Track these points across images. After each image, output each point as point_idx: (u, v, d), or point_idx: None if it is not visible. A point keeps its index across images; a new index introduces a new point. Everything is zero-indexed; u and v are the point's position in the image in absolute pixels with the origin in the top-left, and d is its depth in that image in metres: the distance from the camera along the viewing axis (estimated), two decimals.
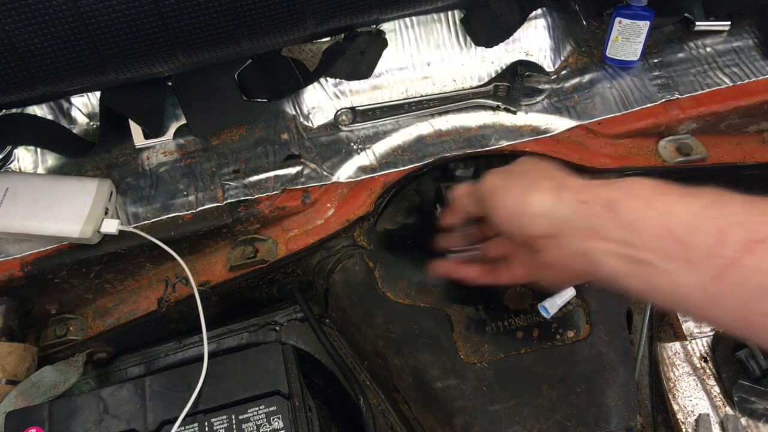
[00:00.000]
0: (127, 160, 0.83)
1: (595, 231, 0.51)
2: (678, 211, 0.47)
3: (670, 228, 0.47)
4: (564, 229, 0.54)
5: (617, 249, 0.50)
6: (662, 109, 0.84)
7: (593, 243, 0.51)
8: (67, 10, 0.62)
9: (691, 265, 0.46)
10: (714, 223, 0.45)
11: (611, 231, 0.50)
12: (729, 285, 0.44)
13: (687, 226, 0.46)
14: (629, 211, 0.50)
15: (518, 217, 0.57)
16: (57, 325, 0.78)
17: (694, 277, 0.46)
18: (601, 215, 0.51)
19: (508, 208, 0.58)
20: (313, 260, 0.81)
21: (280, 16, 0.70)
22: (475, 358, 0.69)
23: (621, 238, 0.50)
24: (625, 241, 0.49)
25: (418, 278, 0.76)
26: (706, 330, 0.85)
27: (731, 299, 0.45)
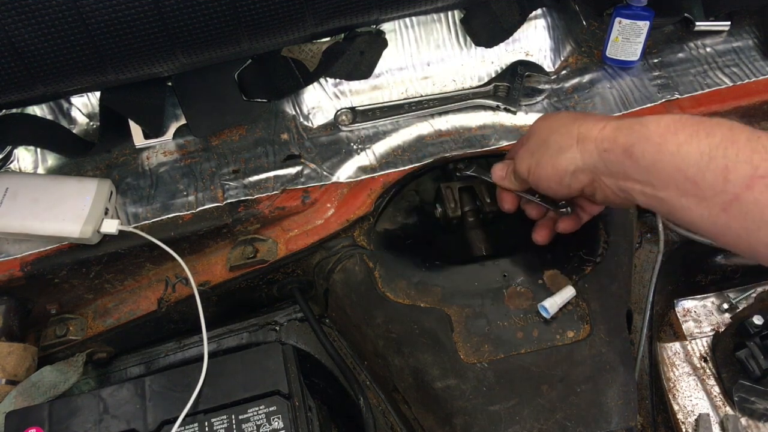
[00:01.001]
0: (127, 160, 0.83)
1: (623, 174, 0.58)
2: (688, 152, 0.52)
3: (682, 169, 0.52)
4: (599, 174, 0.61)
5: (642, 189, 0.57)
6: (662, 109, 0.84)
7: (626, 183, 0.58)
8: (67, 10, 0.62)
9: (701, 200, 0.52)
10: (720, 163, 0.50)
11: (635, 174, 0.57)
12: (733, 217, 0.50)
13: (696, 166, 0.52)
14: (645, 156, 0.55)
15: (560, 182, 0.64)
16: (57, 325, 0.78)
17: (704, 210, 0.52)
18: (623, 161, 0.57)
19: (549, 179, 0.65)
20: (313, 260, 0.81)
21: (280, 16, 0.70)
22: (475, 358, 0.69)
23: (643, 179, 0.56)
24: (646, 182, 0.56)
25: (418, 278, 0.75)
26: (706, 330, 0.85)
27: (736, 229, 0.51)
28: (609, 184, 0.61)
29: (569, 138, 0.62)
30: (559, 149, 0.63)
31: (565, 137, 0.63)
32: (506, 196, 0.75)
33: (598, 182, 0.62)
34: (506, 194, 0.75)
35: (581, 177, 0.62)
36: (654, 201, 0.57)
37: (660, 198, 0.55)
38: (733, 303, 0.86)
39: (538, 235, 0.74)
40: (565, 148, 0.62)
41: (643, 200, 0.58)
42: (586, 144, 0.61)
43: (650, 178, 0.55)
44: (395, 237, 0.85)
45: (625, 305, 0.75)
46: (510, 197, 0.75)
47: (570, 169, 0.62)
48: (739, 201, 0.50)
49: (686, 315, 0.87)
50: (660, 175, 0.54)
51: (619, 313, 0.73)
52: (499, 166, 0.74)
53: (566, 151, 0.62)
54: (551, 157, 0.64)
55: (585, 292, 0.72)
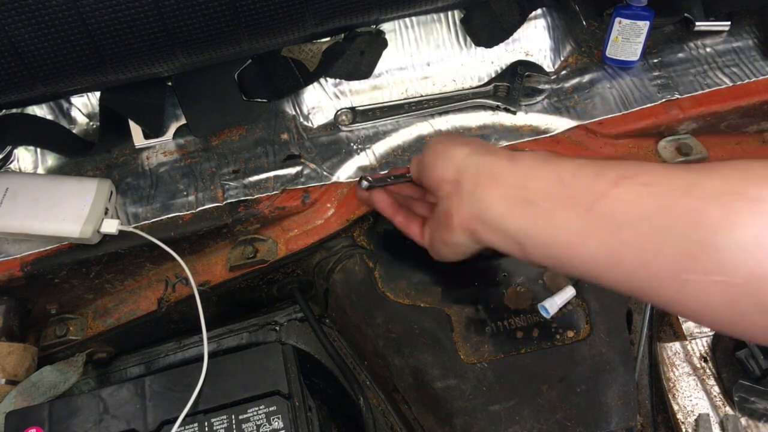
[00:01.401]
0: (127, 160, 0.83)
1: (492, 176, 0.56)
2: (568, 164, 0.53)
3: (557, 173, 0.52)
4: (465, 176, 0.58)
5: (508, 192, 0.55)
6: (662, 109, 0.84)
7: (486, 187, 0.56)
8: (67, 10, 0.62)
9: (567, 200, 0.51)
10: (593, 168, 0.51)
11: (507, 177, 0.55)
12: (598, 216, 0.49)
13: (571, 171, 0.52)
14: (528, 163, 0.55)
15: (435, 164, 0.61)
16: (57, 325, 0.78)
17: (569, 212, 0.50)
18: (501, 164, 0.56)
19: (432, 156, 0.62)
20: (313, 260, 0.81)
21: (280, 17, 0.70)
22: (475, 358, 0.69)
23: (514, 182, 0.55)
24: (516, 185, 0.54)
25: (418, 278, 0.76)
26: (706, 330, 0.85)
27: (600, 231, 0.49)
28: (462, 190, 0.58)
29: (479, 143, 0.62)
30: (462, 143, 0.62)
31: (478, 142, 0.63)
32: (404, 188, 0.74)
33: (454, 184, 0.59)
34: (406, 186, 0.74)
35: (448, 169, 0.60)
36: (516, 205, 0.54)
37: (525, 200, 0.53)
38: None
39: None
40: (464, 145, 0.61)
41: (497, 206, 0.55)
42: (481, 149, 0.60)
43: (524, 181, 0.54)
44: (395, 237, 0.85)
45: (625, 305, 0.75)
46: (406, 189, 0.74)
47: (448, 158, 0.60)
48: (605, 198, 0.49)
49: None
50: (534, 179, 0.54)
51: (619, 313, 0.73)
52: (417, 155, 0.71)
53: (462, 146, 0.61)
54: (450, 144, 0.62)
55: (585, 292, 0.72)
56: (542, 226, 0.52)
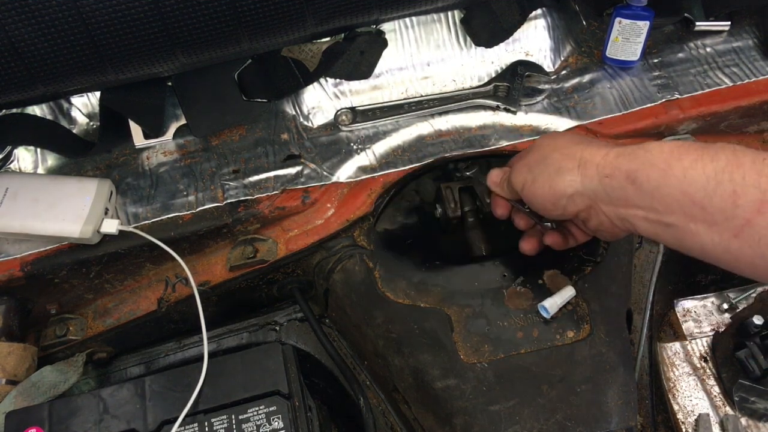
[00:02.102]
0: (127, 160, 0.83)
1: (625, 200, 0.57)
2: (694, 177, 0.52)
3: (688, 193, 0.52)
4: (598, 201, 0.60)
5: (646, 215, 0.56)
6: (662, 109, 0.84)
7: (627, 210, 0.57)
8: (67, 10, 0.62)
9: (711, 225, 0.51)
10: (728, 187, 0.50)
11: (637, 200, 0.56)
12: (747, 242, 0.49)
13: (704, 191, 0.51)
14: (649, 181, 0.54)
15: (556, 203, 0.63)
16: (57, 325, 0.78)
17: (715, 236, 0.51)
18: (625, 187, 0.56)
19: (545, 198, 0.63)
20: (313, 260, 0.81)
21: (280, 17, 0.70)
22: (475, 358, 0.69)
23: (646, 205, 0.55)
24: (651, 208, 0.55)
25: (418, 278, 0.75)
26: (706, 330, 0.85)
27: (750, 255, 0.50)
28: (607, 212, 0.60)
29: (571, 160, 0.61)
30: (559, 170, 0.62)
31: (566, 158, 0.62)
32: (499, 202, 0.75)
33: (595, 209, 0.61)
34: (499, 200, 0.75)
35: (578, 201, 0.61)
36: (659, 228, 0.55)
37: (666, 223, 0.54)
38: (733, 303, 0.86)
39: (526, 245, 0.74)
40: (565, 170, 0.61)
41: (645, 227, 0.57)
42: (588, 168, 0.60)
43: (654, 203, 0.54)
44: (395, 237, 0.85)
45: (625, 305, 0.75)
46: (502, 203, 0.74)
47: (568, 192, 0.61)
48: (750, 226, 0.49)
49: (686, 315, 0.87)
50: (665, 200, 0.53)
51: (619, 313, 0.73)
52: (496, 172, 0.74)
53: (566, 173, 0.61)
54: (549, 177, 0.62)
55: (585, 292, 0.72)
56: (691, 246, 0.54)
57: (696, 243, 0.53)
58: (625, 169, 0.56)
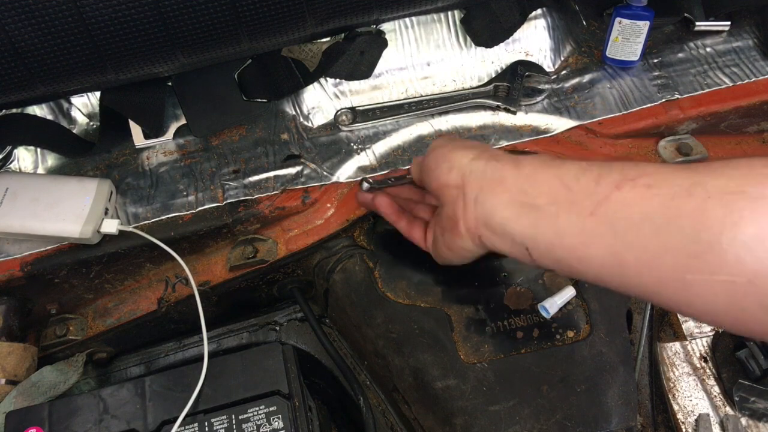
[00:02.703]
0: (127, 160, 0.83)
1: (497, 181, 0.56)
2: (571, 167, 0.53)
3: (560, 176, 0.53)
4: (470, 181, 0.58)
5: (512, 196, 0.55)
6: (662, 109, 0.84)
7: (491, 192, 0.56)
8: (67, 10, 0.62)
9: (571, 204, 0.51)
10: (595, 171, 0.51)
11: (511, 181, 0.55)
12: (602, 219, 0.49)
13: (574, 175, 0.52)
14: (531, 168, 0.55)
15: (439, 168, 0.61)
16: (57, 325, 0.78)
17: (573, 216, 0.50)
18: (506, 168, 0.57)
19: (435, 161, 0.62)
20: (313, 260, 0.81)
21: (280, 16, 0.70)
22: (475, 358, 0.69)
23: (518, 187, 0.55)
24: (521, 189, 0.55)
25: (418, 278, 0.75)
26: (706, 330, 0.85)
27: (604, 235, 0.49)
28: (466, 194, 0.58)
29: (480, 147, 0.62)
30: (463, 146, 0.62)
31: (478, 146, 0.63)
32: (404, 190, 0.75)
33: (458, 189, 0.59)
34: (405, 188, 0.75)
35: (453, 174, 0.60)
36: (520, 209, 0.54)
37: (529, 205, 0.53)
38: None
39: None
40: (467, 148, 0.61)
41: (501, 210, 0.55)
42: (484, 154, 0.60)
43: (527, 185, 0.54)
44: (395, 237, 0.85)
45: (625, 305, 0.75)
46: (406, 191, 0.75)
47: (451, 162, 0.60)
48: (608, 201, 0.49)
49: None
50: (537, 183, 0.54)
51: (619, 313, 0.73)
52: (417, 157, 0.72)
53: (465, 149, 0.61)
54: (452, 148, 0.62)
55: (585, 292, 0.72)
56: (546, 231, 0.52)
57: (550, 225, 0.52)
58: (515, 158, 0.58)
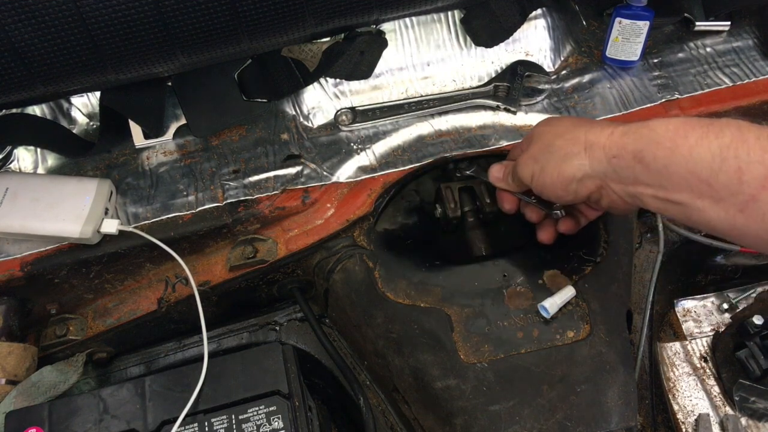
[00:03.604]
0: (127, 160, 0.83)
1: (634, 179, 0.58)
2: (700, 154, 0.52)
3: (695, 171, 0.52)
4: (608, 180, 0.60)
5: (654, 192, 0.57)
6: (662, 109, 0.84)
7: (636, 188, 0.58)
8: (67, 10, 0.62)
9: (717, 201, 0.52)
10: (733, 164, 0.50)
11: (646, 178, 0.57)
12: (751, 217, 0.50)
13: (709, 168, 0.51)
14: (656, 160, 0.55)
15: (567, 188, 0.63)
16: (57, 325, 0.78)
17: (721, 212, 0.52)
18: (633, 166, 0.57)
19: (555, 185, 0.64)
20: (313, 260, 0.81)
21: (280, 16, 0.70)
22: (475, 358, 0.69)
23: (655, 183, 0.56)
24: (659, 186, 0.56)
25: (418, 278, 0.75)
26: (706, 330, 0.85)
27: (755, 229, 0.51)
28: (617, 190, 0.60)
29: (576, 144, 0.62)
30: (565, 156, 0.62)
31: (571, 143, 0.62)
32: (506, 197, 0.75)
33: (605, 188, 0.61)
34: (505, 195, 0.75)
35: (588, 183, 0.62)
36: (667, 205, 0.56)
37: (674, 201, 0.55)
38: (733, 303, 0.86)
39: (543, 234, 0.74)
40: (572, 155, 0.62)
41: (654, 204, 0.58)
42: (594, 151, 0.60)
43: (662, 181, 0.55)
44: (395, 237, 0.85)
45: (625, 305, 0.75)
46: (510, 198, 0.75)
47: (577, 176, 0.62)
48: (756, 201, 0.50)
49: (686, 315, 0.87)
50: (673, 178, 0.54)
51: (619, 313, 0.73)
52: (497, 167, 0.74)
53: (573, 158, 0.62)
54: (557, 164, 0.63)
55: (585, 292, 0.72)
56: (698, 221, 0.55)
57: (703, 219, 0.54)
58: (631, 149, 0.57)
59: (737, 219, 0.51)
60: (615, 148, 0.58)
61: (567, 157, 0.62)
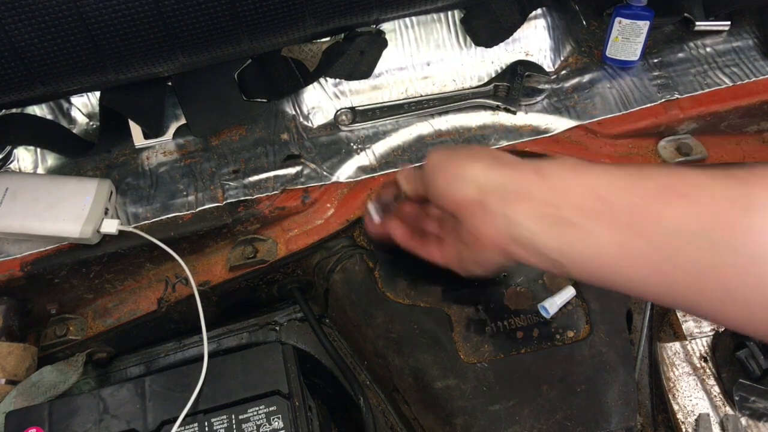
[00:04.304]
0: (127, 160, 0.83)
1: (521, 193, 0.52)
2: (601, 174, 0.49)
3: (591, 186, 0.48)
4: (490, 194, 0.53)
5: (540, 209, 0.50)
6: (662, 109, 0.84)
7: (516, 205, 0.52)
8: (67, 10, 0.62)
9: (612, 221, 0.47)
10: (631, 179, 0.47)
11: (537, 192, 0.51)
12: (642, 234, 0.45)
13: (606, 184, 0.48)
14: (558, 176, 0.51)
15: (450, 184, 0.56)
16: (57, 325, 0.78)
17: (612, 232, 0.47)
18: (529, 179, 0.52)
19: (443, 176, 0.57)
20: (313, 260, 0.81)
21: (280, 17, 0.70)
22: (475, 358, 0.69)
23: (546, 199, 0.50)
24: (549, 202, 0.50)
25: (418, 278, 0.75)
26: (706, 330, 0.85)
27: (645, 250, 0.45)
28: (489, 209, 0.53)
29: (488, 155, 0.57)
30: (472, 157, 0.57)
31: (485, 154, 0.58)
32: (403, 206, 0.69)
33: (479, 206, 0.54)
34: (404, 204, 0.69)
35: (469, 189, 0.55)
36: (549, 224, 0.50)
37: (560, 218, 0.49)
38: None
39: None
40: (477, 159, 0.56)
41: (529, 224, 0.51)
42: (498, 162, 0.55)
43: (556, 197, 0.50)
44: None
45: (625, 305, 0.75)
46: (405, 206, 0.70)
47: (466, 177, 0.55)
48: (650, 216, 0.46)
49: (686, 315, 0.87)
50: (568, 195, 0.49)
51: (619, 313, 0.73)
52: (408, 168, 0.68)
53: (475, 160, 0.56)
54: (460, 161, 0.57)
55: (585, 292, 0.72)
56: (583, 247, 0.49)
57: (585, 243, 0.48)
58: (535, 166, 0.53)
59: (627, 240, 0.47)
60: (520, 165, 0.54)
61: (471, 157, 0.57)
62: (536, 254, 0.51)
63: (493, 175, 0.54)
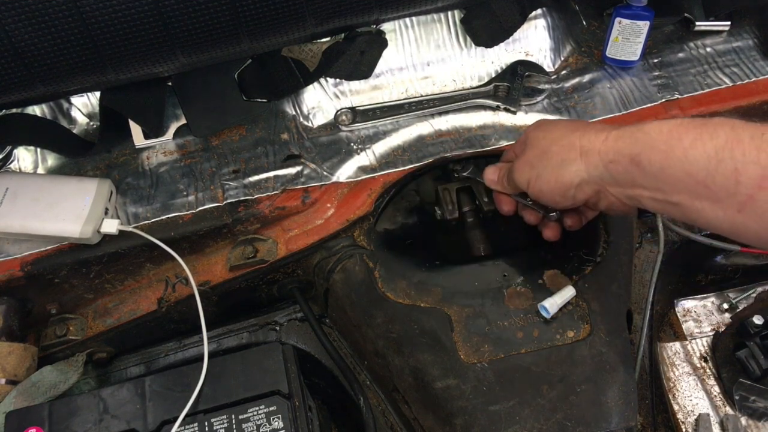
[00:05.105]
0: (127, 160, 0.83)
1: (631, 182, 0.58)
2: (695, 156, 0.53)
3: (691, 173, 0.53)
4: (605, 185, 0.61)
5: (652, 195, 0.57)
6: (662, 109, 0.84)
7: (634, 191, 0.59)
8: (67, 10, 0.62)
9: (715, 202, 0.52)
10: (729, 165, 0.51)
11: (644, 181, 0.57)
12: (750, 217, 0.51)
13: (706, 170, 0.52)
14: (652, 163, 0.55)
15: (564, 194, 0.63)
16: (57, 325, 0.78)
17: (719, 212, 0.53)
18: (630, 170, 0.57)
19: (553, 191, 0.64)
20: (313, 260, 0.81)
21: (280, 16, 0.70)
22: (475, 358, 0.69)
23: (652, 186, 0.56)
24: (656, 188, 0.56)
25: (418, 278, 0.75)
26: (706, 330, 0.85)
27: (755, 228, 0.52)
28: (615, 193, 0.61)
29: (571, 150, 0.62)
30: (562, 162, 0.62)
31: (566, 149, 0.62)
32: (503, 200, 0.75)
33: (603, 192, 0.62)
34: (503, 198, 0.75)
35: (586, 189, 0.62)
36: (666, 206, 0.57)
37: (673, 203, 0.56)
38: (733, 303, 0.86)
39: (549, 232, 0.74)
40: (568, 161, 0.62)
41: (653, 205, 0.58)
42: (590, 156, 0.60)
43: (660, 184, 0.56)
44: (395, 237, 0.85)
45: (625, 305, 0.75)
46: (507, 200, 0.75)
47: (575, 182, 0.62)
48: (753, 201, 0.50)
49: (686, 315, 0.87)
50: (669, 181, 0.55)
51: (619, 313, 0.73)
52: (491, 170, 0.74)
53: (570, 164, 0.62)
54: (554, 170, 0.63)
55: (585, 292, 0.72)
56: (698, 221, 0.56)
57: (702, 219, 0.55)
58: (627, 153, 0.57)
59: (736, 219, 0.52)
60: (611, 152, 0.59)
61: (563, 163, 0.62)
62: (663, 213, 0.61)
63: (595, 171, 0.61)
